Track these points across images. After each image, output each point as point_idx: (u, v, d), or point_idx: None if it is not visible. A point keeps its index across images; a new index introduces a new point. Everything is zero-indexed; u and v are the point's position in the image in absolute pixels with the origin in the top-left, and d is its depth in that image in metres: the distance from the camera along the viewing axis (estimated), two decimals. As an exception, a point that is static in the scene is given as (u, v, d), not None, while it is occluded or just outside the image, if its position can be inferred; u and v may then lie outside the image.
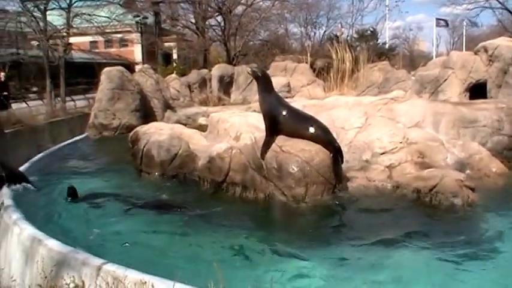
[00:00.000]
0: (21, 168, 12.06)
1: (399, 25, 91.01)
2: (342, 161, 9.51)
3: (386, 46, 42.15)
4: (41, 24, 27.94)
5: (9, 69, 31.38)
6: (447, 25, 51.92)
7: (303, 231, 7.98)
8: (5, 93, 21.21)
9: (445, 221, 8.20)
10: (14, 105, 21.83)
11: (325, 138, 9.28)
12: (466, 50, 29.93)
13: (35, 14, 27.97)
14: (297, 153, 8.96)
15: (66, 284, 4.88)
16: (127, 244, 7.21)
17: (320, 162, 8.90)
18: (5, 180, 10.13)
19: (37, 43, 31.33)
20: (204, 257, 6.74)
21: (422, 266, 6.33)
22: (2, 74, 22.78)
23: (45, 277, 5.55)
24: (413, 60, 50.94)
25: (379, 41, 42.40)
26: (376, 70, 25.36)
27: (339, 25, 46.22)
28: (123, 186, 10.81)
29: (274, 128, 9.39)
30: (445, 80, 16.84)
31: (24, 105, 22.85)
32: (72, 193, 9.57)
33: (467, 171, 10.22)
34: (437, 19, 48.28)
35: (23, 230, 7.43)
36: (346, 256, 6.66)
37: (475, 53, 16.68)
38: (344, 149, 9.86)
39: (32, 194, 10.17)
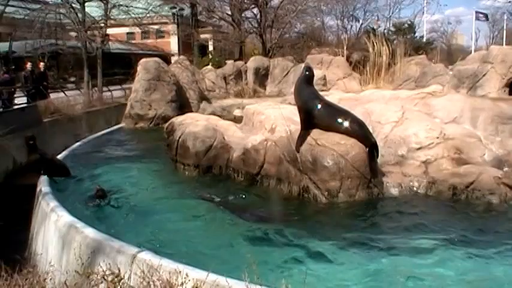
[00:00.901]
0: (60, 156, 12.32)
1: (437, 18, 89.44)
2: (378, 156, 9.42)
3: (424, 40, 41.56)
4: (80, 15, 28.35)
5: (49, 59, 31.98)
6: (487, 19, 50.86)
7: (337, 227, 7.89)
8: (44, 83, 21.55)
9: (483, 219, 8.05)
10: (53, 95, 22.13)
11: (361, 133, 9.19)
12: (506, 44, 29.35)
13: (73, 5, 28.38)
14: (332, 146, 8.90)
15: (103, 271, 4.95)
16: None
17: (355, 156, 8.81)
18: (44, 170, 10.35)
19: (75, 34, 31.73)
20: (238, 247, 6.78)
21: (460, 265, 6.23)
22: (42, 64, 23.17)
23: (82, 264, 5.64)
24: (452, 55, 50.20)
25: (417, 34, 41.77)
26: (413, 64, 25.12)
27: (376, 18, 45.75)
28: (157, 178, 10.94)
29: (309, 121, 9.35)
30: (484, 75, 16.60)
31: (62, 95, 23.13)
32: (100, 195, 9.23)
33: (506, 169, 10.00)
34: (477, 12, 47.35)
35: (60, 217, 7.59)
36: (381, 253, 6.61)
37: (516, 48, 16.38)
38: (380, 143, 9.77)
39: (69, 181, 10.38)
